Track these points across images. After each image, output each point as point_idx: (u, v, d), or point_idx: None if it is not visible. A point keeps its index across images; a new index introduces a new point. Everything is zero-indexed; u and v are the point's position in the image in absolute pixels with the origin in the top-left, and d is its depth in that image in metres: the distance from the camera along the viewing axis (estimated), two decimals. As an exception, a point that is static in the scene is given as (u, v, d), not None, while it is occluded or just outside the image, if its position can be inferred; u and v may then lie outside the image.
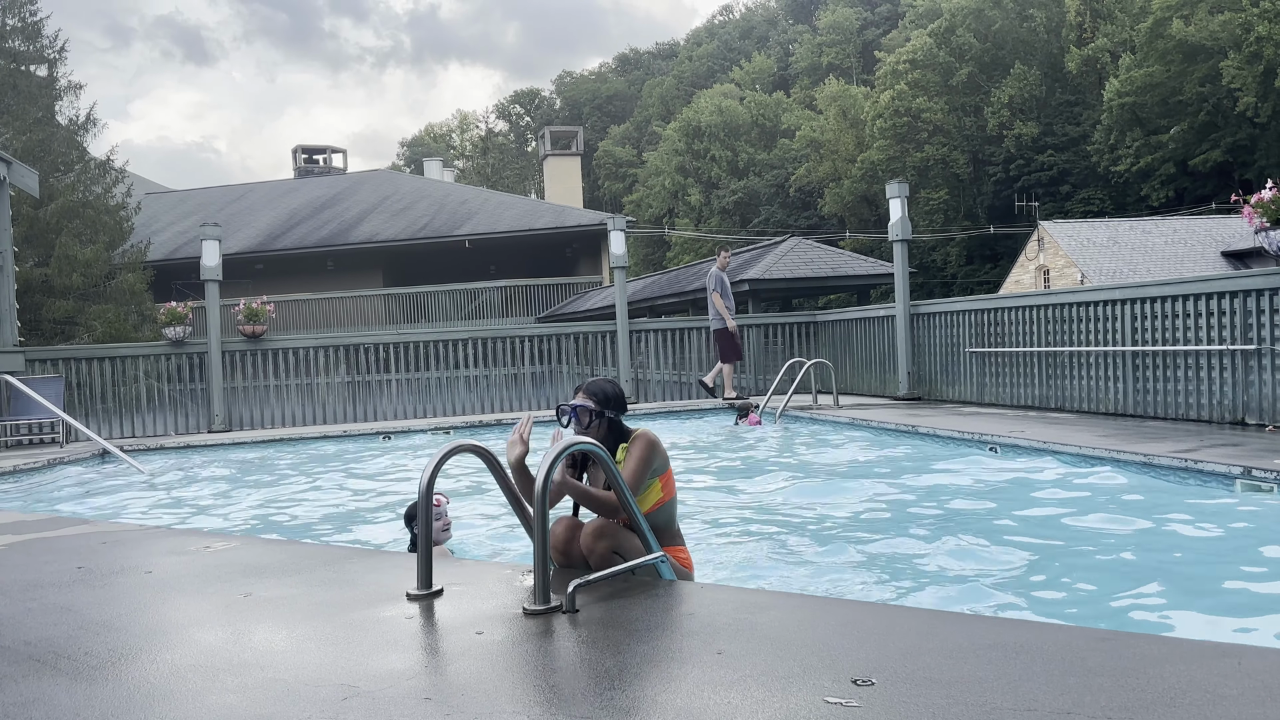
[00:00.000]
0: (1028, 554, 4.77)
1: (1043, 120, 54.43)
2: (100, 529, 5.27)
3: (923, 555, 4.86)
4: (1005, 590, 4.22)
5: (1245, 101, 43.83)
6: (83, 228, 20.48)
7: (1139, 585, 4.17)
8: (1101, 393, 9.61)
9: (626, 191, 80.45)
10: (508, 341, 14.89)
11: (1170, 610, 3.85)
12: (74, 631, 3.12)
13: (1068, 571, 4.44)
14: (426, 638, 2.98)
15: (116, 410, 13.37)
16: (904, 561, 4.77)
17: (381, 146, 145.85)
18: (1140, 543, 4.85)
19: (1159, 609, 3.88)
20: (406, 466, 9.47)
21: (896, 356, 12.79)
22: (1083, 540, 4.99)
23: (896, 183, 12.70)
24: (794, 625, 2.86)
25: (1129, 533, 5.08)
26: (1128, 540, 4.92)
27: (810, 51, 78.23)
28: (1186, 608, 3.87)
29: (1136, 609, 3.89)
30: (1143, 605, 3.94)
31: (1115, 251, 36.95)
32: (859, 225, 57.81)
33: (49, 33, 22.17)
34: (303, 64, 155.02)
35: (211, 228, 13.50)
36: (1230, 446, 6.67)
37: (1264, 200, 7.69)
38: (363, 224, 33.85)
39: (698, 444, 10.45)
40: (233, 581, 3.77)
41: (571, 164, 42.50)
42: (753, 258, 21.51)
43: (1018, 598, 4.10)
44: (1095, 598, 4.07)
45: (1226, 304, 8.19)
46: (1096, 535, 5.06)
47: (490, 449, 3.60)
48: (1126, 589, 4.14)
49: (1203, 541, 4.85)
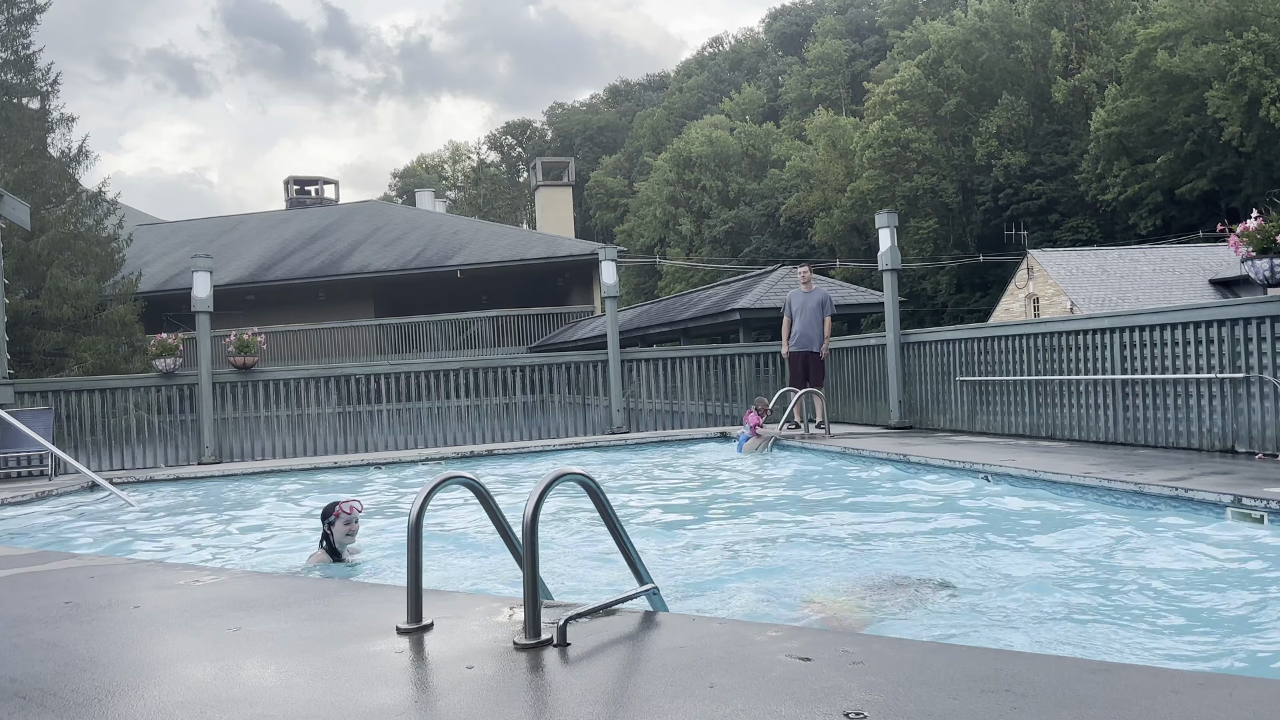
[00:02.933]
0: (1022, 584, 4.76)
1: (1030, 150, 54.89)
2: (88, 563, 5.23)
3: (915, 585, 4.84)
4: (999, 622, 4.21)
5: (1230, 131, 44.29)
6: (74, 259, 20.45)
7: (1133, 616, 4.17)
8: (1092, 421, 9.63)
9: (618, 221, 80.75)
10: (499, 371, 14.88)
11: (1163, 641, 3.84)
12: (60, 668, 3.09)
13: (1063, 602, 4.43)
14: (416, 672, 2.96)
15: (106, 442, 13.29)
16: (896, 592, 4.75)
17: (373, 177, 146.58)
18: (1134, 573, 4.85)
19: (1152, 639, 3.87)
20: (398, 502, 9.43)
21: (888, 385, 12.80)
22: (1077, 570, 4.99)
23: (886, 212, 12.77)
24: (786, 658, 2.84)
25: (1122, 562, 5.08)
26: (1121, 570, 4.92)
27: (799, 83, 78.91)
28: (1179, 637, 3.87)
29: (1130, 640, 3.89)
30: (1136, 636, 3.93)
31: (1104, 280, 37.15)
32: (849, 254, 58.05)
33: (42, 65, 22.24)
34: (295, 96, 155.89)
35: (203, 259, 13.50)
36: (1221, 475, 6.68)
37: (1249, 229, 7.75)
38: (354, 254, 33.89)
39: (691, 473, 10.44)
40: (221, 616, 3.74)
41: (563, 194, 42.71)
42: (743, 287, 21.59)
43: (1012, 630, 4.09)
44: (1087, 627, 4.06)
45: (1215, 332, 8.23)
46: (1090, 564, 5.05)
47: (480, 479, 3.58)
48: (1120, 619, 4.14)
49: (1194, 571, 4.85)
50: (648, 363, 15.35)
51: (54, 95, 22.40)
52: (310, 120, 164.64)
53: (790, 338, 12.71)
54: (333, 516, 5.96)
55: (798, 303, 12.73)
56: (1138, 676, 2.62)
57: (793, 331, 12.68)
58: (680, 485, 9.55)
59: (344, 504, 6.02)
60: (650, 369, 15.30)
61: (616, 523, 3.40)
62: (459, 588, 5.40)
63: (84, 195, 22.26)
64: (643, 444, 12.87)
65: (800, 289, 12.84)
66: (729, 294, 21.64)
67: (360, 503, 6.14)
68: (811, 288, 12.80)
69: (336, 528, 5.93)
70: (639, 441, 13.00)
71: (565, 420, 14.91)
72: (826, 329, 12.65)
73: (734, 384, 15.27)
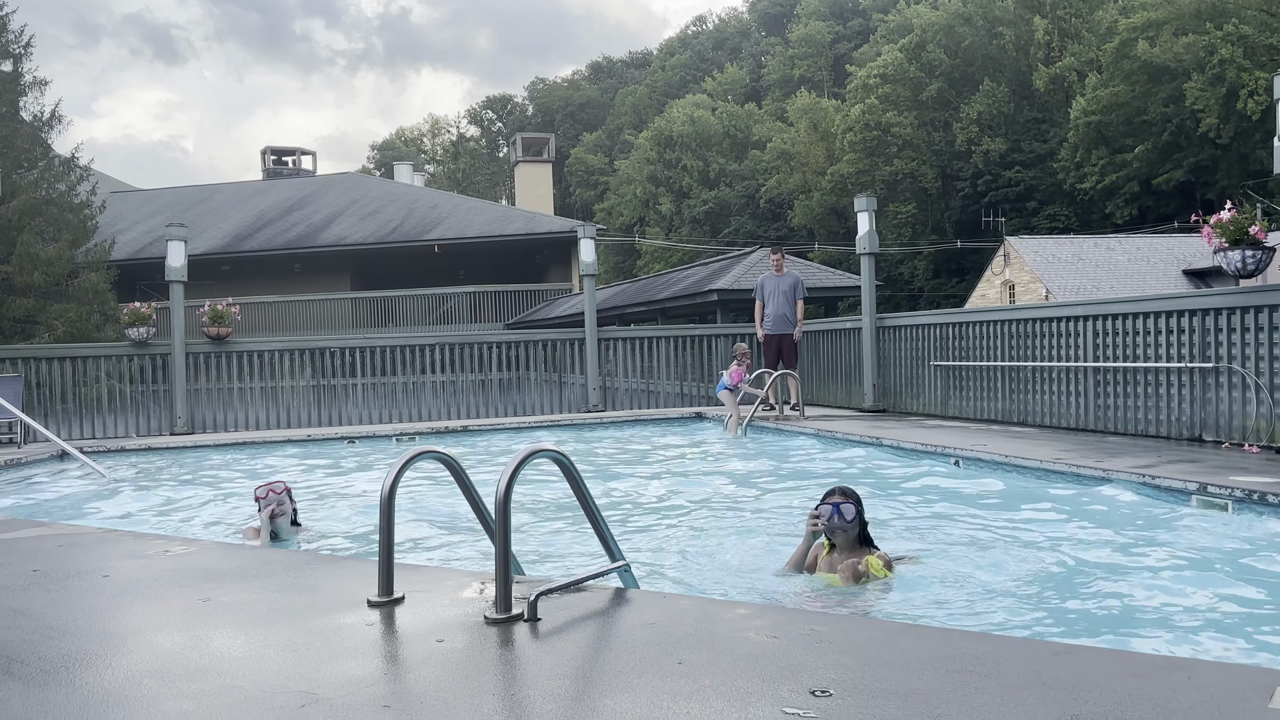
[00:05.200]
0: (988, 567, 4.82)
1: (1010, 137, 55.09)
2: (57, 531, 5.20)
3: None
4: (965, 603, 4.26)
5: (1208, 123, 44.61)
6: (45, 225, 20.16)
7: (1097, 599, 4.23)
8: (1063, 407, 9.73)
9: (598, 199, 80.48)
10: (476, 348, 14.85)
11: (1125, 624, 3.90)
12: (28, 636, 3.08)
13: (1028, 585, 4.49)
14: (386, 645, 2.97)
15: (76, 411, 13.18)
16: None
17: (351, 149, 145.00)
18: (1099, 557, 4.92)
19: (1115, 622, 3.93)
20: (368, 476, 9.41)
21: (862, 369, 12.87)
22: (1043, 553, 5.05)
23: (865, 196, 12.80)
24: (754, 636, 2.87)
25: (1090, 547, 5.14)
26: (1087, 554, 4.98)
27: (782, 64, 78.75)
28: (1141, 621, 3.93)
29: (1093, 622, 3.95)
30: (1099, 619, 3.99)
31: (1079, 268, 37.44)
32: (828, 237, 58.17)
33: (15, 28, 21.84)
34: (273, 65, 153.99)
35: (177, 228, 13.36)
36: (1188, 463, 6.77)
37: (1223, 221, 7.84)
38: (331, 227, 33.62)
39: (665, 452, 10.47)
40: (191, 586, 3.73)
41: (543, 171, 42.48)
42: (722, 268, 21.60)
43: (978, 610, 4.14)
44: (1053, 611, 4.12)
45: (1186, 322, 8.32)
46: (1057, 549, 5.12)
47: (453, 455, 3.58)
48: (1084, 602, 4.20)
49: (1158, 557, 4.92)
50: (625, 342, 15.36)
51: (27, 58, 21.99)
52: (289, 90, 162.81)
53: (763, 321, 12.77)
54: (258, 503, 5.81)
55: (770, 286, 12.79)
56: (1099, 659, 2.67)
57: (765, 314, 12.75)
58: (654, 464, 9.58)
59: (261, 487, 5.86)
60: (627, 348, 15.31)
61: (589, 500, 3.42)
62: (430, 562, 5.41)
63: (56, 161, 21.91)
64: (618, 422, 12.89)
65: (772, 273, 12.89)
66: (707, 274, 21.65)
67: (283, 483, 5.99)
68: (784, 271, 12.85)
69: (263, 514, 5.75)
70: (615, 420, 13.02)
71: (541, 398, 14.91)
72: (799, 312, 12.71)
73: (711, 364, 15.30)
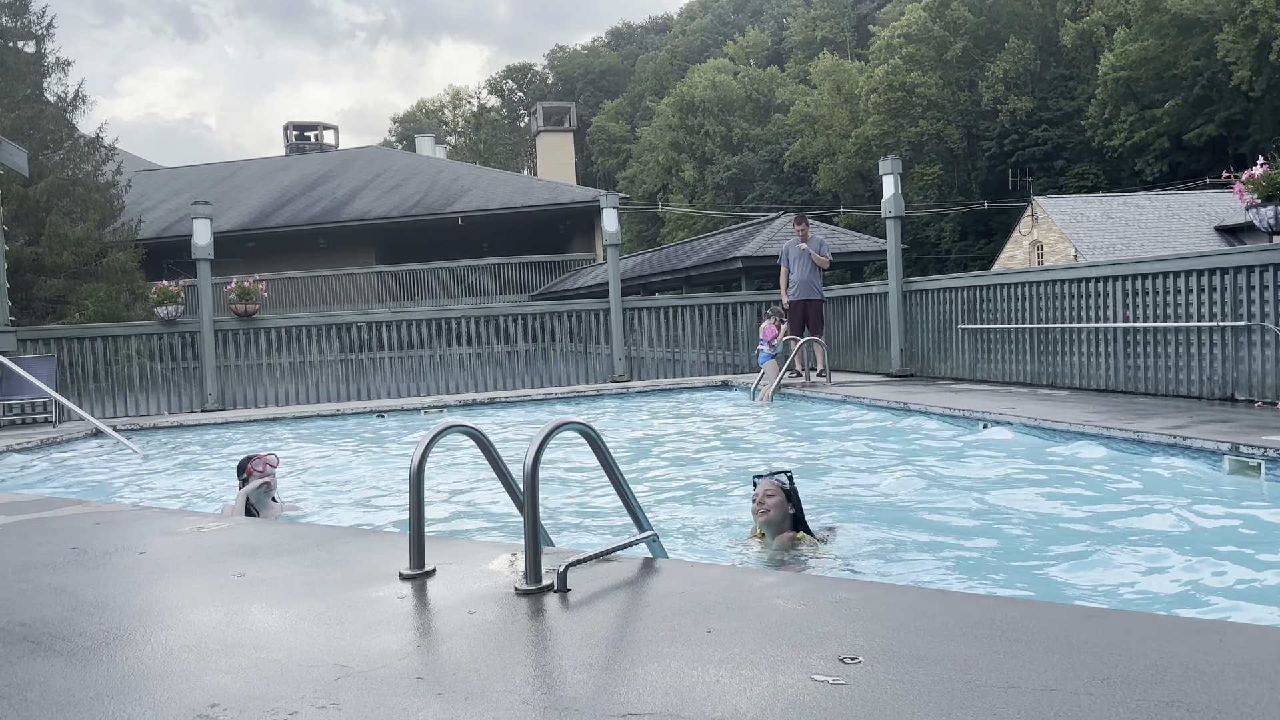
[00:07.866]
0: (1018, 531, 4.80)
1: (1037, 95, 54.30)
2: (93, 509, 5.28)
3: (912, 533, 4.89)
4: (995, 568, 4.25)
5: (1240, 75, 43.76)
6: (73, 206, 20.35)
7: (1127, 562, 4.21)
8: (1093, 369, 9.64)
9: (620, 167, 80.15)
10: (501, 320, 14.88)
11: (1155, 587, 3.88)
12: (68, 613, 3.13)
13: (1057, 549, 4.48)
14: (419, 617, 3.00)
15: (109, 390, 13.35)
16: (892, 540, 4.80)
17: (373, 123, 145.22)
18: (1128, 520, 4.89)
19: (1145, 586, 3.92)
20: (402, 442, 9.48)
21: (889, 333, 12.80)
22: (1071, 517, 5.03)
23: (890, 159, 12.69)
24: (783, 604, 2.88)
25: (1117, 510, 5.11)
26: (1115, 518, 4.96)
27: (804, 25, 77.87)
28: (1172, 585, 3.91)
29: (1123, 586, 3.93)
30: (1129, 582, 3.98)
31: (1109, 227, 36.96)
32: (853, 201, 57.70)
33: (36, 8, 21.96)
34: (293, 40, 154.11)
35: (202, 206, 13.44)
36: (1220, 423, 6.70)
37: (1255, 177, 7.70)
38: (355, 201, 33.71)
39: (692, 421, 10.48)
40: (226, 562, 3.78)
41: (564, 140, 42.34)
42: (746, 235, 21.50)
43: (1008, 575, 4.13)
44: (1085, 576, 4.10)
45: (1218, 280, 8.21)
46: (1085, 512, 5.09)
47: (481, 428, 3.60)
48: (1115, 566, 4.18)
49: (1190, 518, 4.88)
50: (650, 311, 15.34)
51: (49, 38, 22.14)
52: (309, 65, 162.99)
53: (789, 287, 12.73)
54: (245, 474, 5.64)
55: (794, 253, 12.75)
56: (1129, 622, 2.66)
57: (791, 280, 12.71)
58: (681, 433, 9.59)
59: (257, 459, 5.65)
60: (652, 317, 15.29)
61: (616, 471, 3.43)
62: (460, 535, 5.45)
63: (81, 141, 22.09)
64: (645, 392, 12.91)
65: (796, 240, 12.85)
66: (731, 241, 21.56)
67: (276, 456, 5.82)
68: (808, 237, 12.80)
69: (253, 484, 5.57)
70: (641, 390, 13.03)
71: (567, 369, 14.94)
72: (825, 262, 12.77)
73: (736, 332, 15.27)
